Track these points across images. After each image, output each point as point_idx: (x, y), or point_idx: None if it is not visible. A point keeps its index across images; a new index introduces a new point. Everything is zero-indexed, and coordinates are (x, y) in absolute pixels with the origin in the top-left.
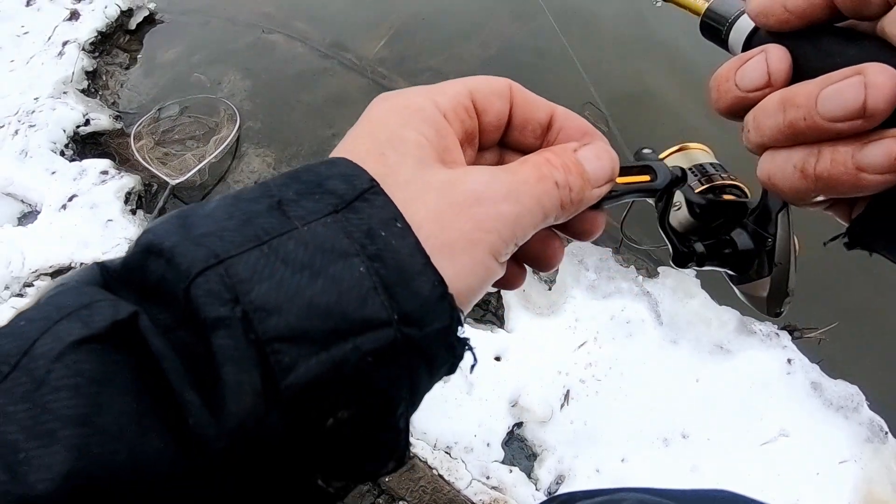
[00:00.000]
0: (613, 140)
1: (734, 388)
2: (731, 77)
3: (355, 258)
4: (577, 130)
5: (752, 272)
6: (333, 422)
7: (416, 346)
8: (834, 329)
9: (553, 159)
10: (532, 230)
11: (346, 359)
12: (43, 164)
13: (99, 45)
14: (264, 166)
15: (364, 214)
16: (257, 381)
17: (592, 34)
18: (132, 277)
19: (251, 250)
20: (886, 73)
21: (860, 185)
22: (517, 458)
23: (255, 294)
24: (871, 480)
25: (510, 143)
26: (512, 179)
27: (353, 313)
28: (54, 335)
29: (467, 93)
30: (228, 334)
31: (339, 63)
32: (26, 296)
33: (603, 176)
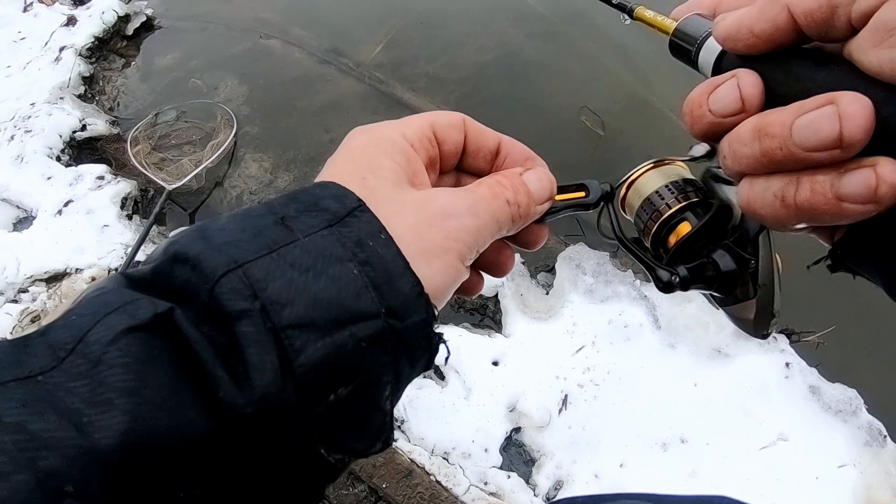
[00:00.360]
0: (608, 146)
1: (732, 393)
2: (704, 102)
3: (349, 262)
4: (521, 155)
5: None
6: (335, 397)
7: (400, 334)
8: (832, 332)
9: (503, 181)
10: (490, 239)
11: (344, 343)
12: (39, 169)
13: (96, 51)
14: (261, 171)
15: (354, 228)
16: (276, 361)
17: (589, 39)
18: (158, 282)
19: (263, 257)
20: (860, 103)
21: (842, 214)
22: (515, 464)
23: (270, 290)
24: (871, 485)
25: (465, 167)
26: (472, 198)
27: (349, 306)
28: (106, 325)
29: (429, 126)
30: (251, 323)
31: (337, 68)
32: (21, 301)
33: (544, 195)
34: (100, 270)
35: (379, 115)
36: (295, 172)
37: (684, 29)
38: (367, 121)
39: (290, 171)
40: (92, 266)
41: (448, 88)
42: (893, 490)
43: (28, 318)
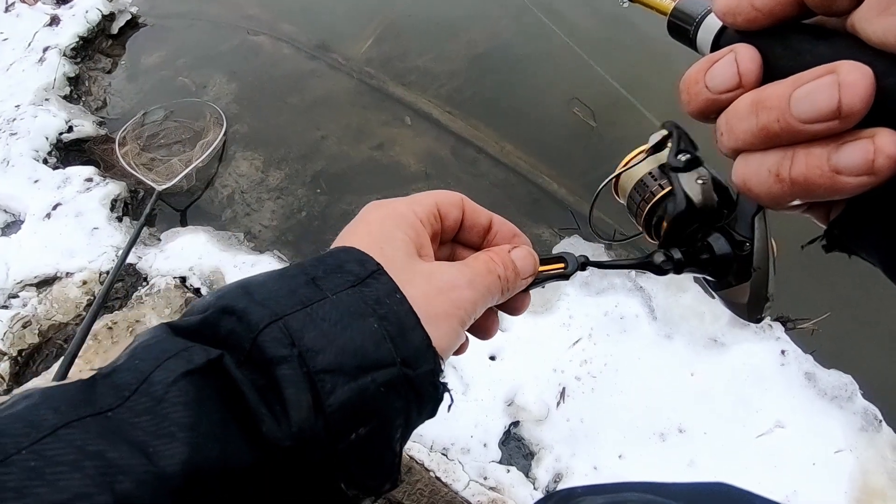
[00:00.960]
0: (600, 138)
1: (729, 382)
2: (701, 79)
3: (370, 317)
4: (509, 232)
5: (730, 278)
6: (356, 436)
7: (412, 381)
8: (826, 319)
9: (496, 257)
10: (483, 308)
11: (367, 387)
12: (25, 172)
13: (81, 51)
14: (252, 170)
15: (374, 288)
16: (310, 400)
17: (579, 31)
18: (205, 331)
19: (299, 311)
20: (860, 71)
21: (837, 187)
22: (514, 458)
23: (306, 339)
24: (867, 470)
25: (460, 239)
26: (471, 272)
27: (371, 355)
28: (167, 368)
29: (435, 204)
30: (289, 367)
31: (326, 64)
32: (11, 307)
33: (528, 270)
34: (90, 274)
35: (369, 111)
36: (286, 170)
37: (682, 8)
38: (357, 117)
39: (282, 168)
40: (83, 269)
41: (439, 82)
42: (889, 474)
43: (19, 324)
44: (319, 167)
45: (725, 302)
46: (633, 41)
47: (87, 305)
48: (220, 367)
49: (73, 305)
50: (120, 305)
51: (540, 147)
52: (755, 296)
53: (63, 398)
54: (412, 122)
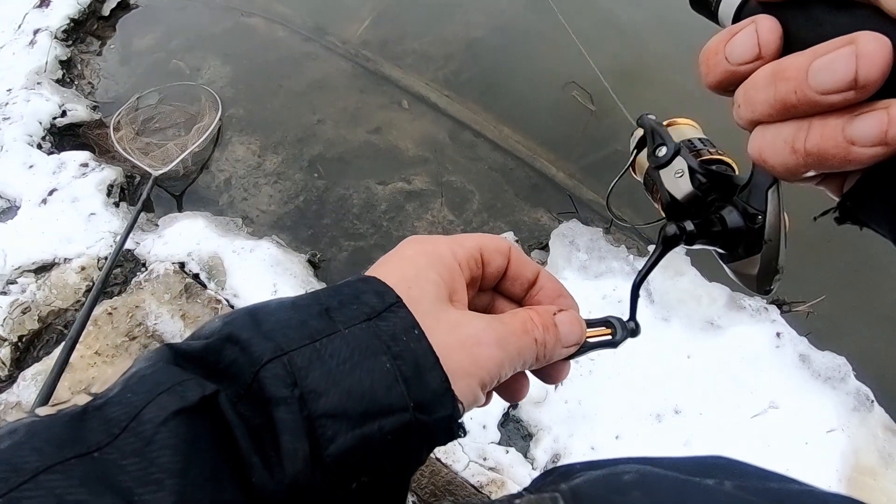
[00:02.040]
0: (599, 122)
1: (725, 363)
2: (721, 50)
3: (383, 356)
4: (555, 291)
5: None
6: (357, 485)
7: (425, 428)
8: (821, 302)
9: (536, 318)
10: (511, 371)
11: (372, 435)
12: (20, 157)
13: (72, 33)
14: (249, 154)
15: (390, 322)
16: (307, 449)
17: (579, 14)
18: (208, 358)
19: (307, 346)
20: (878, 42)
21: (851, 158)
22: (513, 439)
23: (310, 379)
24: (858, 448)
25: (501, 289)
26: (503, 330)
27: (380, 399)
28: (159, 405)
29: (478, 248)
30: (288, 410)
31: (322, 46)
32: (10, 293)
33: (573, 339)
34: (89, 259)
35: (366, 94)
36: (283, 154)
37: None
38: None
39: (279, 153)
40: (81, 255)
41: (437, 65)
42: (880, 453)
43: (19, 310)
44: (316, 151)
45: (735, 273)
46: (636, 23)
47: (86, 291)
48: (215, 406)
49: (71, 291)
50: (119, 291)
51: (538, 131)
52: (765, 268)
53: (48, 436)
54: (409, 106)
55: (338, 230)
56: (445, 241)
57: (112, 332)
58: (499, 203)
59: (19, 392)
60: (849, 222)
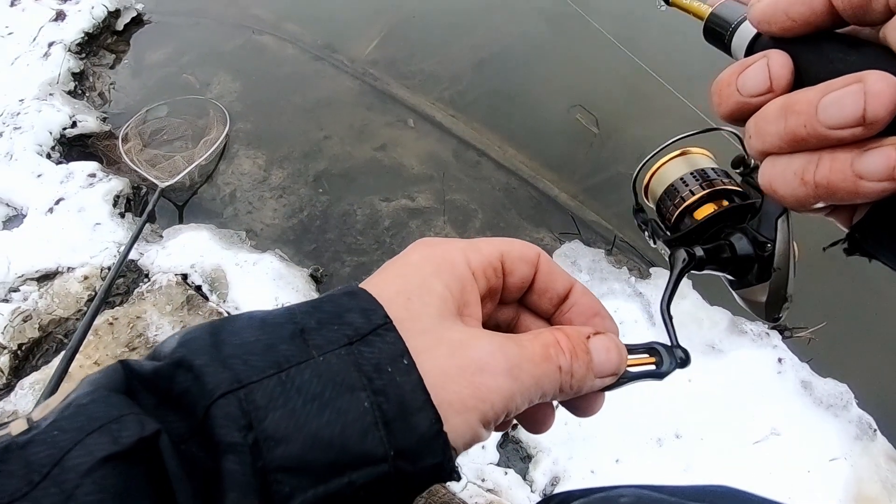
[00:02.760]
0: (602, 145)
1: (726, 388)
2: (733, 82)
3: (361, 392)
4: (590, 309)
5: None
6: None
7: (407, 478)
8: (823, 328)
9: (563, 341)
10: (526, 405)
11: (340, 492)
12: (29, 166)
13: (85, 46)
14: (255, 168)
15: (375, 348)
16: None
17: (585, 37)
18: (159, 385)
19: (271, 377)
20: (886, 81)
21: (859, 192)
22: (512, 461)
23: (268, 422)
24: (861, 478)
25: (528, 303)
26: (518, 354)
27: (352, 447)
28: (85, 448)
29: (499, 254)
30: (238, 460)
31: (331, 65)
32: (12, 301)
33: (609, 369)
34: (92, 269)
35: (373, 112)
36: (289, 169)
37: (719, 13)
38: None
39: (284, 167)
40: (84, 265)
41: (442, 85)
42: (883, 483)
43: (20, 318)
44: (322, 167)
45: (744, 300)
46: (641, 48)
47: (88, 300)
48: (154, 451)
49: (73, 300)
50: (121, 301)
51: (542, 152)
52: (774, 295)
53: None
54: (415, 124)
55: (341, 245)
56: (460, 245)
57: (112, 343)
58: (501, 222)
59: (17, 401)
60: (857, 254)
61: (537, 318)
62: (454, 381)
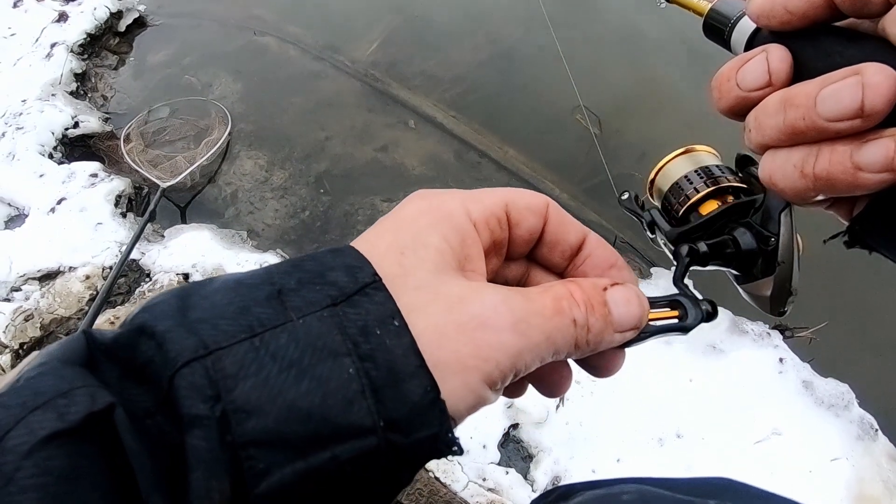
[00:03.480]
0: (602, 146)
1: (727, 388)
2: (733, 77)
3: (346, 358)
4: (606, 261)
5: (755, 271)
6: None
7: (400, 452)
8: (824, 328)
9: (577, 293)
10: (537, 363)
11: (322, 468)
12: (31, 166)
13: (88, 48)
14: (256, 168)
15: (362, 309)
16: (227, 489)
17: (588, 36)
18: (120, 355)
19: (242, 342)
20: (884, 73)
21: (858, 183)
22: (513, 460)
23: (237, 392)
24: (863, 478)
25: (538, 258)
26: (526, 308)
27: (335, 418)
28: (28, 426)
29: (503, 204)
30: (204, 435)
31: (332, 66)
32: (14, 300)
33: (630, 322)
34: (94, 269)
35: (374, 113)
36: (290, 170)
37: (719, 9)
38: (361, 119)
39: (286, 168)
40: (86, 264)
41: (443, 87)
42: (885, 483)
43: (21, 317)
44: (323, 168)
45: (749, 295)
46: (641, 49)
47: (90, 300)
48: (108, 427)
49: (75, 300)
50: (123, 301)
51: (542, 153)
52: (779, 289)
53: None
54: (416, 125)
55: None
56: (459, 195)
57: None
58: None
59: None
60: (858, 246)
61: (550, 274)
62: (451, 340)
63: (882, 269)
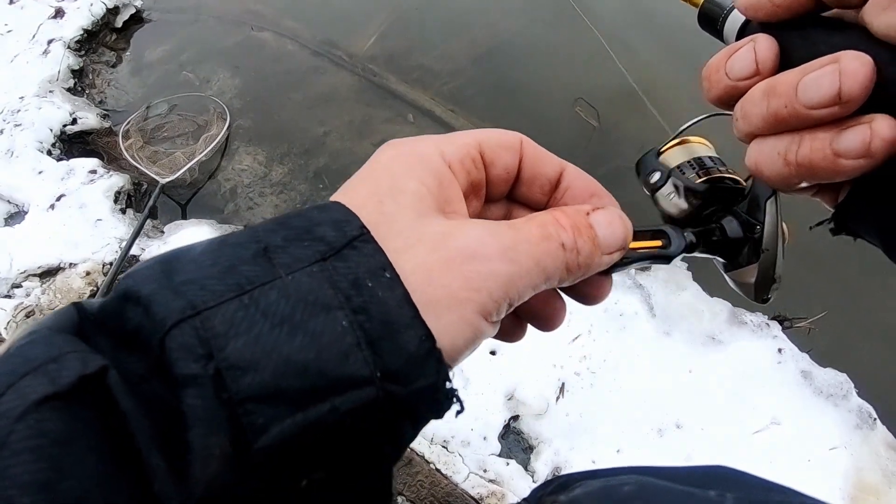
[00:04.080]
0: (602, 138)
1: (726, 378)
2: (722, 67)
3: (339, 311)
4: (586, 190)
5: (741, 259)
6: (307, 482)
7: (400, 403)
8: (823, 318)
9: (562, 219)
10: (530, 292)
11: (322, 420)
12: (29, 163)
13: (85, 44)
14: (255, 164)
15: (352, 262)
16: (227, 444)
17: (584, 31)
18: (109, 324)
19: (231, 300)
20: (860, 60)
21: (838, 170)
22: (514, 451)
23: (229, 350)
24: (861, 467)
25: (518, 197)
26: (512, 236)
27: (332, 371)
28: (18, 391)
29: (476, 144)
30: (199, 393)
31: (330, 60)
32: (14, 297)
33: (615, 243)
34: (94, 265)
35: (373, 108)
36: (289, 165)
37: (712, 0)
38: (360, 113)
39: (285, 164)
40: (86, 260)
41: (442, 80)
42: (883, 471)
43: (22, 314)
44: (322, 163)
45: (734, 282)
46: (640, 42)
47: (91, 296)
48: (103, 388)
49: (76, 296)
50: None
51: (542, 146)
52: (763, 276)
53: None
54: (415, 120)
55: None
56: (432, 140)
57: None
58: None
59: None
60: (843, 233)
61: (532, 212)
62: (441, 276)
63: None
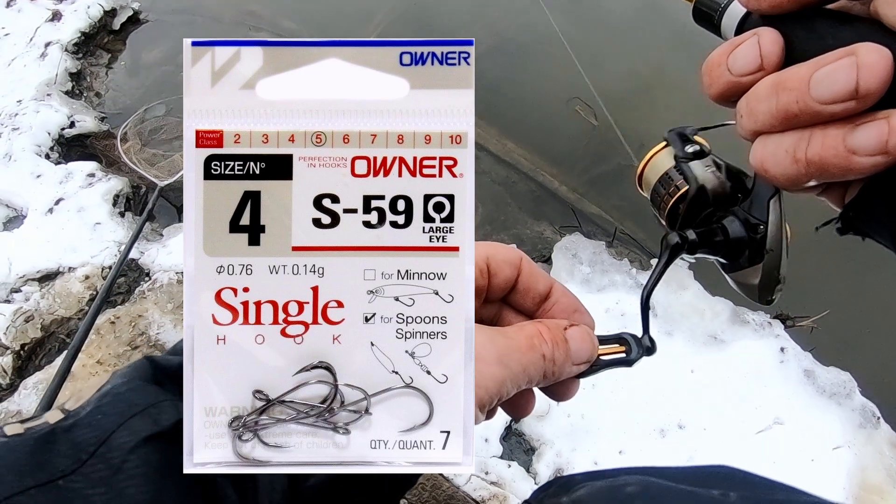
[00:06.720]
0: (606, 133)
1: (729, 378)
2: (723, 62)
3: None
4: (570, 306)
5: (743, 260)
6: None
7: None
8: (825, 317)
9: (545, 332)
10: (515, 390)
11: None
12: (28, 167)
13: (82, 46)
14: None
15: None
16: (284, 481)
17: (586, 26)
18: (179, 374)
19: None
20: (879, 53)
21: (852, 167)
22: (515, 453)
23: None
24: (865, 466)
25: (510, 302)
26: (506, 344)
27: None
28: (130, 429)
29: (485, 256)
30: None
31: None
32: (14, 301)
33: (584, 356)
34: (93, 269)
35: None
36: None
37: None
38: None
39: None
40: (85, 265)
41: None
42: (887, 471)
43: (21, 318)
44: None
45: (736, 284)
46: (640, 41)
47: (90, 300)
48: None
49: (75, 300)
50: (123, 300)
51: (541, 145)
52: (767, 277)
53: (12, 461)
54: None
55: None
56: None
57: (115, 342)
58: (502, 216)
59: (20, 401)
60: (851, 233)
61: (518, 314)
62: None
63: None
